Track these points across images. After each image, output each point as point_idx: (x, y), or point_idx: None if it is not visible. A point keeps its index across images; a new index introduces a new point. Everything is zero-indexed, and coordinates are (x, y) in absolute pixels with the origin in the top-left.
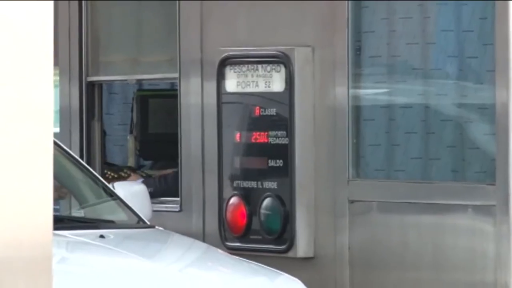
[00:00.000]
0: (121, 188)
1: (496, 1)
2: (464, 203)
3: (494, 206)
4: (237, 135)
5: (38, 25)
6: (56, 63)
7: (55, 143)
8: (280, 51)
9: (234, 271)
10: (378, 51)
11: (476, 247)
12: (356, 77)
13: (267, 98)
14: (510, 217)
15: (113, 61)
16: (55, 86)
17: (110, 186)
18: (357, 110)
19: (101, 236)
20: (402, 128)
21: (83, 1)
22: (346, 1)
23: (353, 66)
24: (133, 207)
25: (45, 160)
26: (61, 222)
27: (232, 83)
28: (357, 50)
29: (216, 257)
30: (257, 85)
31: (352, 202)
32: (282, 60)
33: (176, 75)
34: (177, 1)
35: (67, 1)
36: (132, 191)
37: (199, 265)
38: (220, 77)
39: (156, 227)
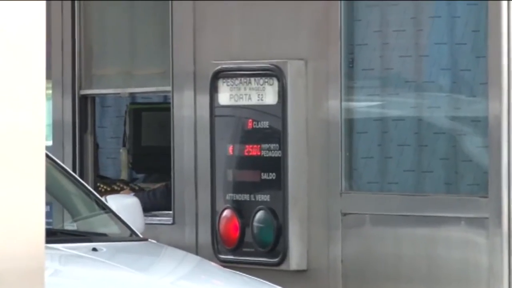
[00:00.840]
0: (113, 201)
1: (489, 13)
2: (457, 215)
3: (487, 218)
4: (230, 148)
5: (31, 38)
6: (49, 76)
7: (47, 156)
8: (273, 64)
9: (227, 284)
10: (371, 64)
11: (469, 259)
12: (349, 90)
13: (260, 111)
14: (503, 230)
15: (106, 74)
16: (48, 99)
17: (102, 199)
18: (350, 123)
19: (94, 249)
20: (395, 140)
21: (76, 14)
22: (339, 15)
23: (346, 79)
24: (125, 220)
25: (37, 173)
26: (54, 235)
27: (225, 96)
28: (350, 63)
29: (209, 270)
30: (250, 98)
31: (345, 214)
32: (275, 73)
33: (169, 88)
34: (170, 14)
35: (60, 14)
36: (124, 204)
37: (192, 278)
38: (213, 90)
39: (149, 240)
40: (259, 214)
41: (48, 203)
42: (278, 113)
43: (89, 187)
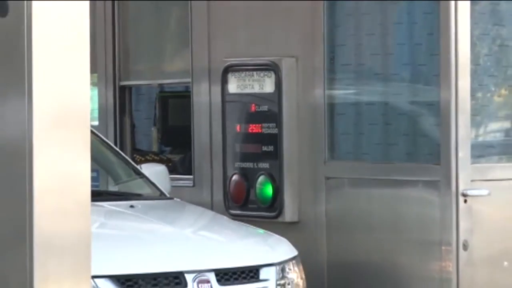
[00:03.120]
0: (147, 169)
1: (441, 20)
2: (415, 179)
3: (439, 181)
4: (238, 126)
5: (77, 38)
6: (95, 70)
7: (95, 133)
8: (270, 61)
9: (236, 233)
10: (348, 61)
11: (426, 213)
12: (331, 81)
13: (261, 97)
14: (451, 190)
15: (140, 69)
16: (94, 89)
17: (138, 167)
18: (332, 107)
19: (131, 206)
20: (367, 120)
21: (115, 20)
22: (322, 22)
23: (328, 72)
24: (156, 183)
25: (84, 146)
26: (100, 195)
27: (233, 86)
28: (331, 60)
29: (222, 222)
30: (253, 87)
31: (328, 178)
32: (273, 67)
33: (189, 80)
34: (190, 23)
35: (103, 19)
36: (155, 171)
37: (208, 229)
38: (224, 81)
39: (175, 198)
40: (261, 178)
41: (95, 170)
42: (275, 99)
43: (127, 158)
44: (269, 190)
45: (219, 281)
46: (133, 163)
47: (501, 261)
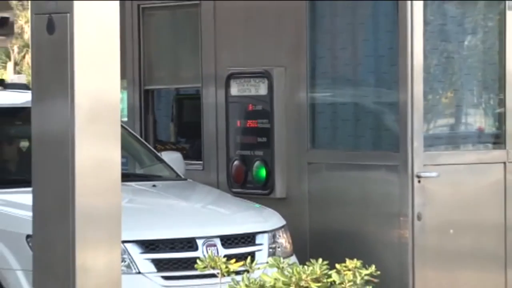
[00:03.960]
0: (166, 156)
1: (399, 37)
2: (380, 163)
3: (398, 165)
4: (238, 122)
5: (110, 53)
6: (125, 77)
7: (124, 128)
8: (264, 70)
9: (237, 206)
10: (326, 69)
11: (388, 191)
12: (312, 86)
13: (257, 99)
14: (408, 173)
15: (160, 76)
16: (123, 92)
17: (159, 154)
18: (313, 107)
19: (154, 186)
20: (341, 117)
21: (141, 39)
22: (305, 39)
23: (310, 79)
24: (173, 167)
25: (115, 137)
26: (128, 176)
27: (234, 90)
28: (313, 69)
29: (226, 198)
30: (250, 91)
31: (310, 163)
32: (266, 75)
33: (200, 84)
34: (200, 38)
35: (131, 38)
36: (173, 157)
37: (214, 203)
38: (227, 86)
39: (188, 179)
40: (256, 163)
41: (125, 157)
42: (268, 100)
43: (150, 147)
44: (263, 172)
45: (223, 245)
46: (155, 151)
47: (448, 229)
